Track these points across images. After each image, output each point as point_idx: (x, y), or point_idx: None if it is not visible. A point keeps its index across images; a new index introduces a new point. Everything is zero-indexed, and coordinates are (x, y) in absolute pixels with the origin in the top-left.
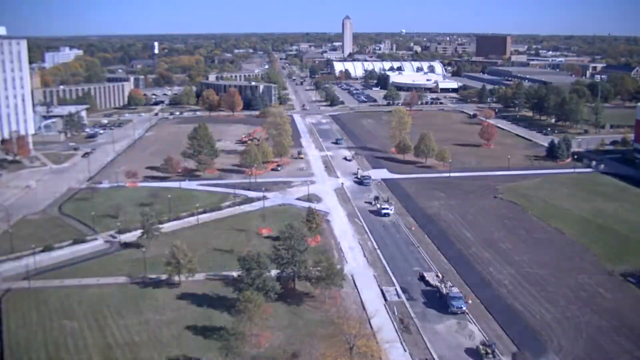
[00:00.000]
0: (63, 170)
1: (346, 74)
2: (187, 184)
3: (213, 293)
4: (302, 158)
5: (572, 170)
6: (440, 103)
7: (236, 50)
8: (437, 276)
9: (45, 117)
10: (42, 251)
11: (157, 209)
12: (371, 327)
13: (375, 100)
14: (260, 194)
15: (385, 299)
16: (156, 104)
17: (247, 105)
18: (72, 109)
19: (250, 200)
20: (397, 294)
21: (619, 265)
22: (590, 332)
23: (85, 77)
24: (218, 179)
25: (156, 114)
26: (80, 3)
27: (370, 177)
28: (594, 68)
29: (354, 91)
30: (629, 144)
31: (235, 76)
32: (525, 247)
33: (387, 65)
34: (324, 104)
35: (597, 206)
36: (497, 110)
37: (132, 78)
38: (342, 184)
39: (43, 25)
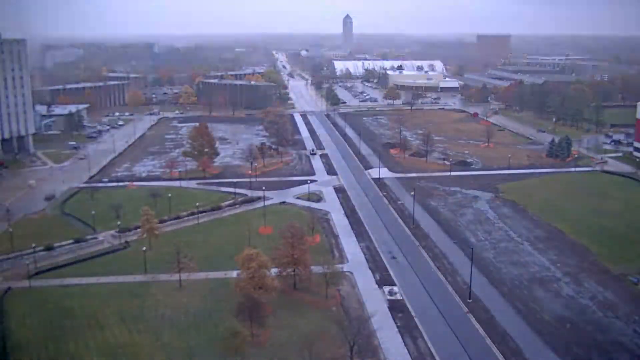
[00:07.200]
0: (63, 170)
1: (346, 73)
2: (187, 183)
3: (213, 292)
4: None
5: (572, 169)
6: (441, 102)
7: (237, 50)
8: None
9: (45, 117)
10: (43, 250)
11: (157, 208)
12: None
13: (375, 100)
14: (260, 193)
15: (386, 298)
16: (156, 103)
17: (248, 105)
18: (73, 108)
19: (250, 199)
20: (398, 293)
21: (620, 264)
22: (590, 332)
23: (85, 77)
24: (219, 177)
25: (156, 114)
26: (81, 3)
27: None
28: (595, 67)
29: (355, 90)
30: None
31: (236, 75)
32: (525, 246)
33: (387, 64)
34: (325, 103)
35: (598, 205)
36: (497, 109)
37: (132, 77)
38: (340, 181)
39: (43, 25)
